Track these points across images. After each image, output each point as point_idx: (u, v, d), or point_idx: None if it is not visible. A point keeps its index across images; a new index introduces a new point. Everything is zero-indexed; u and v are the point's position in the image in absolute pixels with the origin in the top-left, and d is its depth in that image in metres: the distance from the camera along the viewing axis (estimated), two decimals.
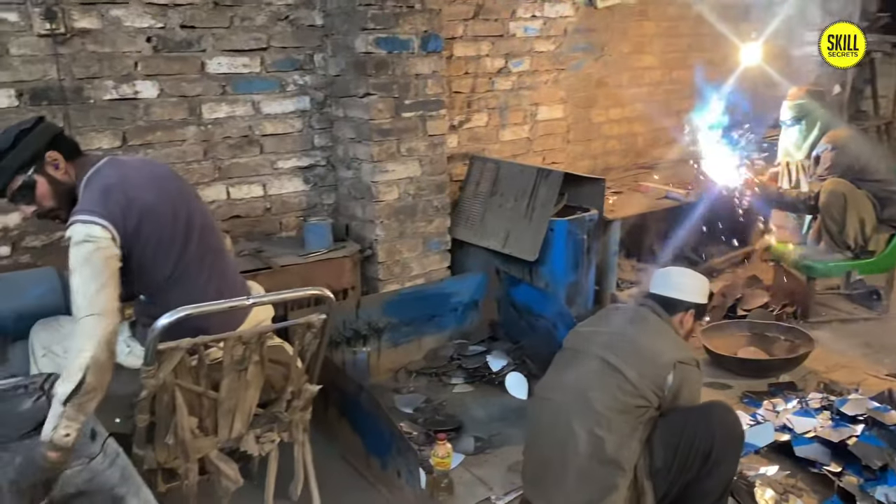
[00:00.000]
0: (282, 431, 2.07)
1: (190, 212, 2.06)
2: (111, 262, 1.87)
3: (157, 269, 1.99)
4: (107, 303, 1.82)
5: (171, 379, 1.76)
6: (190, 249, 2.01)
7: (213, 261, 2.10)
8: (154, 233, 1.96)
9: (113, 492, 1.72)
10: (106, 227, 1.86)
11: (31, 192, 1.98)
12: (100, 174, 1.99)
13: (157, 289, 2.01)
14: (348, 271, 3.35)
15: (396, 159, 3.41)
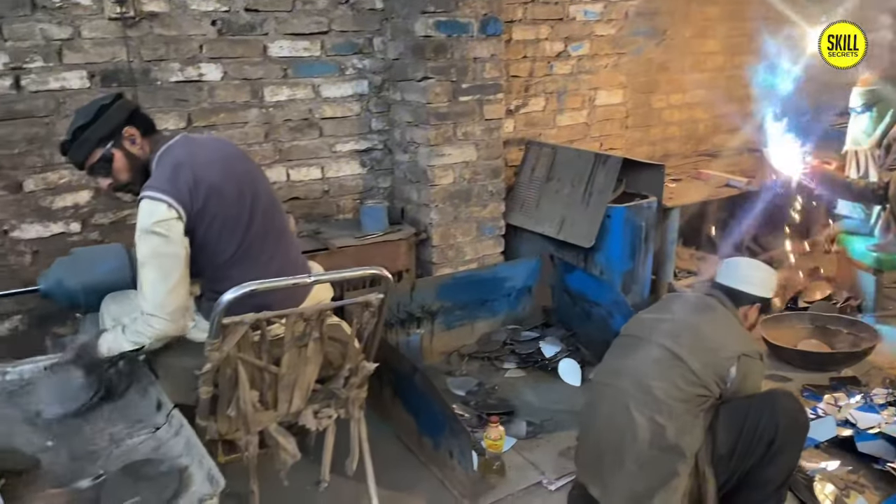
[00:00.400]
0: (339, 408, 2.11)
1: (255, 192, 2.10)
2: (181, 259, 1.94)
3: (222, 246, 2.04)
4: (177, 307, 1.94)
5: (235, 353, 1.81)
6: (254, 229, 2.06)
7: (275, 240, 2.14)
8: (220, 211, 2.00)
9: (177, 461, 1.78)
10: (172, 205, 1.91)
11: (108, 166, 2.05)
12: (171, 151, 2.05)
13: (221, 266, 2.06)
14: (403, 254, 3.38)
15: (452, 143, 3.42)
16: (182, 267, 1.94)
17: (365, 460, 2.21)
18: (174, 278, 1.92)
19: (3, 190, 2.82)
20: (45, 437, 1.90)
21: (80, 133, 2.03)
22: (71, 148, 2.05)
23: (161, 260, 1.91)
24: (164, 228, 1.90)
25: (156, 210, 1.91)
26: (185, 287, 1.96)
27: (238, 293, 1.71)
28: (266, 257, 2.10)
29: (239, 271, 2.04)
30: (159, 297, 1.91)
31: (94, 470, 1.76)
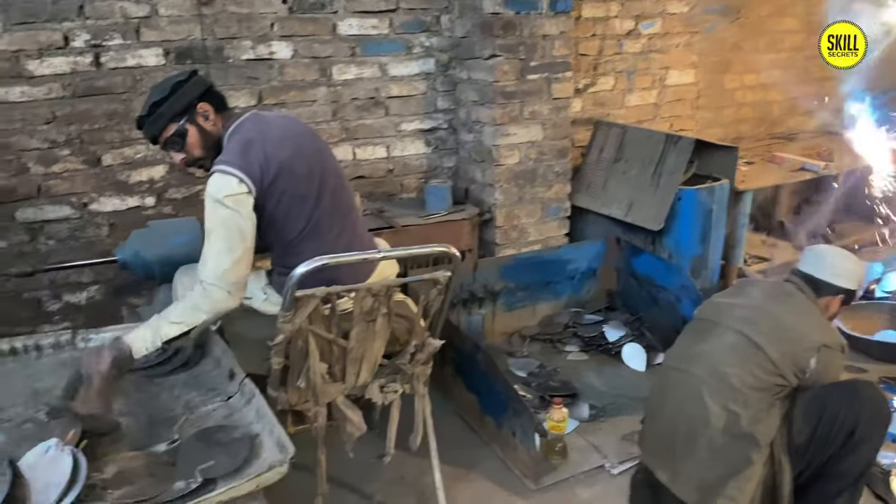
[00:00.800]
0: (404, 383, 2.12)
1: (324, 169, 2.12)
2: (248, 233, 1.96)
3: (291, 222, 2.06)
4: (237, 280, 1.95)
5: (306, 325, 1.83)
6: (322, 205, 2.08)
7: (343, 217, 2.16)
8: (289, 188, 2.03)
9: (249, 428, 1.82)
10: (243, 180, 1.94)
11: (181, 141, 2.09)
12: (242, 128, 2.08)
13: (290, 242, 2.09)
14: (466, 234, 3.37)
15: (519, 122, 3.38)
16: (248, 241, 1.97)
17: (429, 436, 2.22)
18: (239, 251, 1.95)
19: (84, 164, 2.92)
20: (125, 403, 1.97)
21: (155, 108, 2.07)
22: (146, 123, 2.10)
23: (228, 231, 1.94)
24: (233, 202, 1.94)
25: (226, 183, 1.95)
26: (248, 262, 1.98)
27: (311, 266, 1.74)
28: (334, 233, 2.12)
29: (308, 247, 2.06)
30: (222, 267, 1.93)
31: (169, 435, 1.81)
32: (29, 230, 2.89)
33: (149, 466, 1.67)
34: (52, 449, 1.58)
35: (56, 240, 2.94)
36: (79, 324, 3.06)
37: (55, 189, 2.90)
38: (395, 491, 2.41)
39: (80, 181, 2.93)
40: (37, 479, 1.54)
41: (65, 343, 2.16)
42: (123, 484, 1.60)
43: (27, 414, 1.87)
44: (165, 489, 1.59)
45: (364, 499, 2.38)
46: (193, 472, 1.61)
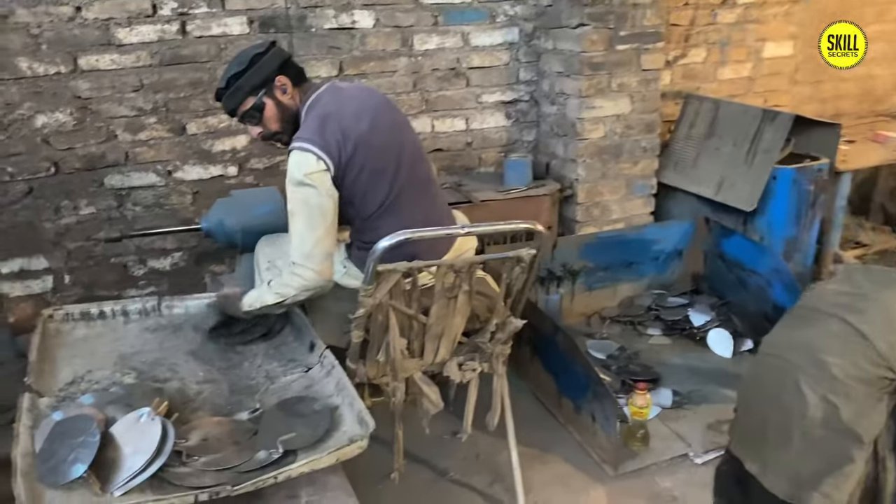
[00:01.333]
0: (483, 362, 2.08)
1: (402, 142, 2.08)
2: (329, 210, 1.94)
3: (370, 197, 2.03)
4: (324, 258, 1.95)
5: (387, 300, 1.80)
6: (400, 179, 2.04)
7: (422, 190, 2.12)
8: (367, 163, 1.99)
9: (328, 400, 1.81)
10: (321, 157, 1.92)
11: (259, 115, 2.08)
12: (320, 102, 2.05)
13: (369, 217, 2.07)
14: (546, 210, 3.28)
15: (605, 95, 3.25)
16: (330, 218, 1.95)
17: (506, 416, 2.18)
18: (321, 229, 1.93)
19: (169, 132, 2.96)
20: (208, 370, 1.99)
21: (233, 81, 2.06)
22: (224, 95, 2.09)
23: (309, 210, 1.93)
24: (312, 180, 1.92)
25: (305, 162, 1.92)
26: (332, 238, 1.97)
27: (393, 241, 1.70)
28: (412, 207, 2.08)
29: (387, 221, 2.03)
30: (307, 247, 1.93)
31: (251, 403, 1.82)
32: (117, 196, 2.96)
33: (232, 434, 1.68)
34: (144, 417, 1.60)
35: (142, 206, 3.01)
36: (162, 289, 3.13)
37: (142, 156, 2.95)
38: (470, 468, 2.38)
39: (166, 149, 2.97)
40: (126, 445, 1.56)
41: (150, 310, 2.20)
42: (207, 451, 1.61)
43: (114, 378, 1.91)
44: (248, 458, 1.60)
45: (438, 475, 2.36)
46: (275, 442, 1.61)
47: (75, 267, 2.99)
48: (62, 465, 1.49)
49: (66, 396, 1.81)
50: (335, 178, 1.96)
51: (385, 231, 2.00)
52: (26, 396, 1.72)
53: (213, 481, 1.53)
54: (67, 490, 1.46)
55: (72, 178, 2.88)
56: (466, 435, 2.10)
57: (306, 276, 1.96)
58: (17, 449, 1.54)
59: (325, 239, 1.95)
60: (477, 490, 2.30)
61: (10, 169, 2.78)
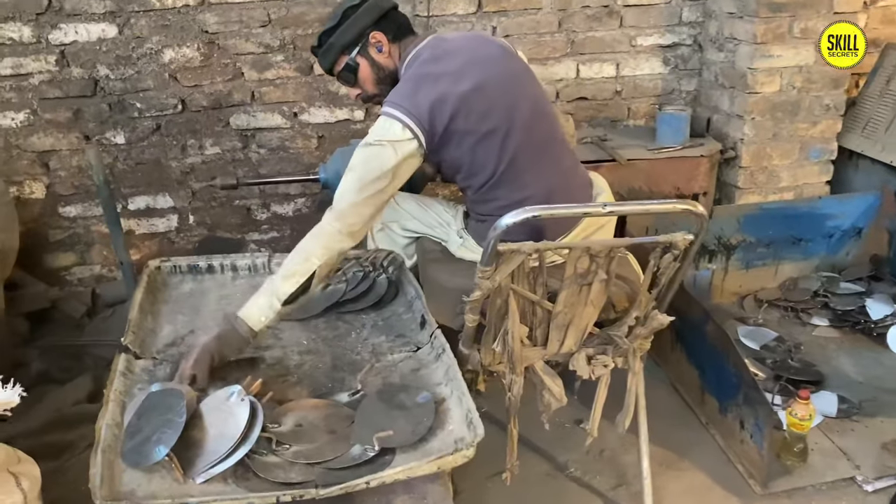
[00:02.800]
0: (616, 356, 1.79)
1: (516, 99, 1.78)
2: (385, 174, 1.70)
3: (479, 166, 1.78)
4: (358, 225, 1.72)
5: (507, 283, 1.55)
6: (513, 142, 1.75)
7: (543, 153, 1.83)
8: (470, 127, 1.73)
9: (435, 389, 1.61)
10: (409, 125, 1.68)
11: (353, 76, 1.88)
12: (418, 59, 1.80)
13: (481, 188, 1.82)
14: (703, 174, 2.88)
15: (785, 42, 2.76)
16: (383, 183, 1.71)
17: (640, 418, 1.90)
18: (368, 191, 1.70)
19: (296, 72, 2.81)
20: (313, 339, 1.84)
21: (325, 38, 1.86)
22: (318, 54, 1.90)
23: (366, 167, 1.70)
24: (388, 146, 1.69)
25: (389, 129, 1.70)
26: (376, 207, 1.74)
27: (517, 218, 1.43)
28: (533, 174, 1.80)
29: (504, 191, 1.79)
30: (344, 203, 1.71)
31: (353, 383, 1.66)
32: (242, 137, 2.87)
33: (328, 420, 1.52)
34: (234, 396, 1.46)
35: (267, 149, 2.90)
36: (284, 234, 3.05)
37: (268, 96, 2.83)
38: (592, 466, 2.13)
39: (292, 89, 2.83)
40: (212, 426, 1.43)
41: (260, 266, 2.08)
42: (299, 439, 1.46)
43: None
44: (340, 453, 1.43)
45: (556, 469, 2.13)
46: (371, 437, 1.43)
47: (199, 207, 2.95)
48: (146, 444, 1.38)
49: (164, 359, 1.71)
50: (428, 149, 1.72)
51: (502, 202, 1.76)
52: (122, 358, 1.64)
53: (299, 476, 1.38)
54: (148, 472, 1.35)
55: (198, 117, 2.80)
56: (592, 438, 1.84)
57: (331, 234, 1.70)
58: (104, 418, 1.44)
59: (367, 207, 1.71)
60: (598, 492, 2.05)
61: (138, 105, 2.74)
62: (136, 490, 1.32)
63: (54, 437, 2.00)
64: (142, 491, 1.31)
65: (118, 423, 1.46)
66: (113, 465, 1.35)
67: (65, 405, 2.15)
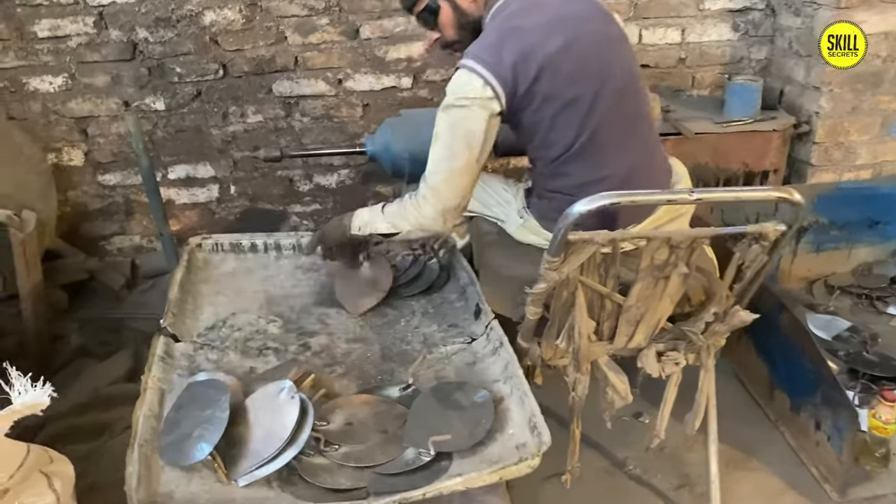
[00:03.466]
0: (688, 353, 1.65)
1: (608, 66, 1.60)
2: (478, 143, 1.56)
3: (556, 135, 1.61)
4: (454, 200, 1.60)
5: (576, 275, 1.41)
6: (598, 113, 1.58)
7: (629, 129, 1.66)
8: (554, 91, 1.56)
9: (493, 387, 1.49)
10: (489, 81, 1.52)
11: (433, 18, 1.73)
12: (506, 10, 1.63)
13: (555, 160, 1.65)
14: (774, 149, 2.68)
15: (872, 6, 2.53)
16: (474, 151, 1.57)
17: (709, 418, 1.76)
18: (460, 161, 1.56)
19: (341, 35, 2.66)
20: (361, 326, 1.73)
21: None
22: None
23: (453, 135, 1.56)
24: (470, 105, 1.54)
25: (469, 84, 1.53)
26: (470, 177, 1.60)
27: (592, 206, 1.28)
28: (615, 150, 1.63)
29: (578, 167, 1.62)
30: (438, 177, 1.59)
31: (404, 376, 1.55)
32: (284, 105, 2.74)
33: (379, 419, 1.42)
34: (284, 393, 1.35)
35: (310, 117, 2.77)
36: (327, 207, 2.94)
37: (312, 62, 2.69)
38: (653, 464, 1.99)
39: (337, 54, 2.69)
40: (259, 423, 1.33)
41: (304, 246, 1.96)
42: (349, 439, 1.36)
43: (258, 324, 1.70)
44: (393, 456, 1.32)
45: (615, 466, 2.00)
46: (426, 440, 1.32)
47: (240, 178, 2.85)
48: (186, 440, 1.29)
49: (205, 343, 1.62)
50: (507, 109, 1.56)
51: (576, 179, 1.60)
52: (160, 341, 1.54)
53: (349, 481, 1.28)
54: (187, 471, 1.26)
55: (240, 83, 2.68)
56: (658, 440, 1.70)
57: (425, 212, 1.63)
58: (141, 408, 1.35)
59: (462, 176, 1.58)
60: (659, 492, 1.92)
61: (178, 69, 2.63)
62: (175, 491, 1.23)
63: (91, 417, 1.93)
64: (181, 493, 1.23)
65: (156, 415, 1.37)
66: (150, 462, 1.27)
67: (102, 384, 2.09)
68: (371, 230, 1.71)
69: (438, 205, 1.60)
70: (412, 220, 1.64)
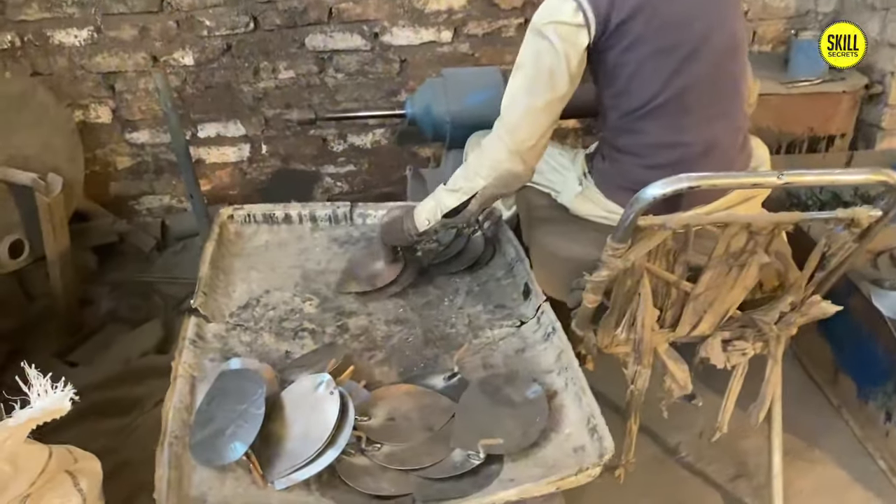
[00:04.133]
0: (756, 342, 1.52)
1: (714, 22, 1.42)
2: (560, 76, 1.39)
3: (640, 83, 1.43)
4: (530, 140, 1.44)
5: (643, 262, 1.28)
6: (693, 71, 1.41)
7: (722, 100, 1.49)
8: (648, 33, 1.38)
9: (545, 378, 1.38)
10: (582, 6, 1.34)
11: None
12: None
13: (631, 112, 1.47)
14: (842, 113, 2.48)
15: None
16: (559, 89, 1.41)
17: (773, 411, 1.63)
18: (541, 98, 1.41)
19: None
20: (402, 307, 1.62)
21: None
22: None
23: (537, 68, 1.40)
24: (557, 32, 1.37)
25: (560, 9, 1.36)
26: (551, 116, 1.44)
27: (668, 189, 1.14)
28: (699, 117, 1.46)
29: (656, 126, 1.46)
30: (515, 114, 1.44)
31: (448, 363, 1.44)
32: (318, 60, 2.59)
33: (423, 413, 1.31)
34: (322, 388, 1.25)
35: (345, 73, 2.62)
36: (362, 168, 2.82)
37: (347, 14, 2.53)
38: (707, 451, 1.88)
39: (373, 6, 2.52)
40: (296, 421, 1.24)
41: (341, 217, 1.85)
42: (392, 436, 1.27)
43: (293, 303, 1.60)
44: (440, 458, 1.23)
45: (666, 453, 1.90)
46: (475, 442, 1.22)
47: (272, 137, 2.73)
48: (219, 437, 1.20)
49: (237, 324, 1.52)
50: (596, 42, 1.39)
51: (650, 138, 1.45)
52: (191, 322, 1.45)
53: (392, 486, 1.18)
54: (220, 471, 1.18)
55: (271, 37, 2.54)
56: (720, 434, 1.58)
57: (499, 154, 1.47)
58: (171, 399, 1.27)
59: (541, 115, 1.43)
60: (713, 482, 1.82)
61: (207, 22, 2.49)
62: (208, 494, 1.15)
63: (122, 391, 1.87)
64: (214, 496, 1.14)
65: (187, 406, 1.28)
66: (182, 461, 1.18)
67: (133, 355, 2.02)
68: (440, 213, 1.55)
69: (513, 144, 1.45)
70: (488, 166, 1.48)
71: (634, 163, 1.52)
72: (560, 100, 1.43)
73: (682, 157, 1.47)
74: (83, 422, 1.82)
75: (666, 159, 1.47)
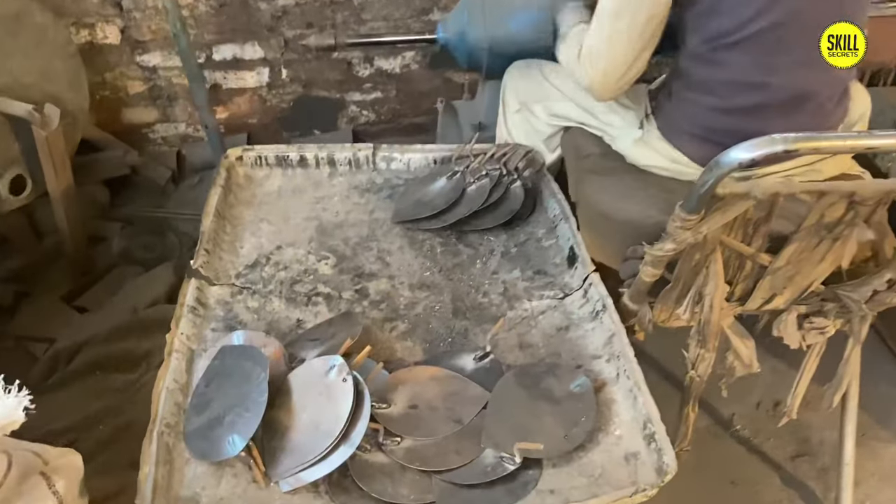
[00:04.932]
0: (838, 318, 1.30)
1: None
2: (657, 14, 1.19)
3: (731, 5, 1.19)
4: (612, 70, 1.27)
5: (717, 235, 1.06)
6: (792, 3, 1.17)
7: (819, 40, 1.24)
8: None
9: (592, 365, 1.19)
10: None
11: None
12: None
13: (714, 38, 1.23)
14: None
15: None
16: (654, 10, 1.20)
17: (850, 393, 1.44)
18: (640, 45, 1.23)
19: None
20: (428, 268, 1.43)
21: None
22: None
23: (635, 14, 1.20)
24: None
25: None
26: (640, 48, 1.25)
27: (757, 153, 0.91)
28: (792, 58, 1.23)
29: (742, 58, 1.22)
30: (600, 37, 1.26)
31: (479, 339, 1.26)
32: None
33: (450, 402, 1.14)
34: (334, 373, 1.08)
35: None
36: (389, 95, 2.58)
37: None
38: (765, 425, 1.70)
39: None
40: (304, 410, 1.08)
41: (363, 161, 1.63)
42: (414, 428, 1.10)
43: (307, 262, 1.42)
44: (469, 459, 1.06)
45: (720, 425, 1.72)
46: (510, 443, 1.05)
47: (293, 60, 2.48)
48: (216, 427, 1.05)
49: (244, 286, 1.35)
50: None
51: (731, 73, 1.24)
52: (191, 286, 1.28)
53: (412, 492, 1.03)
54: (216, 466, 1.03)
55: None
56: (786, 420, 1.39)
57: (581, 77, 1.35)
58: (163, 378, 1.12)
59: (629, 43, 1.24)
60: (771, 459, 1.65)
61: None
62: (201, 496, 1.00)
63: (129, 344, 1.74)
64: (208, 497, 1.00)
65: (182, 387, 1.13)
66: (173, 453, 1.04)
67: (142, 303, 1.88)
68: None
69: (595, 73, 1.28)
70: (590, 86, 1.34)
71: (707, 103, 1.28)
72: (654, 41, 1.23)
73: (765, 101, 1.23)
74: (88, 377, 1.71)
75: (746, 102, 1.24)
